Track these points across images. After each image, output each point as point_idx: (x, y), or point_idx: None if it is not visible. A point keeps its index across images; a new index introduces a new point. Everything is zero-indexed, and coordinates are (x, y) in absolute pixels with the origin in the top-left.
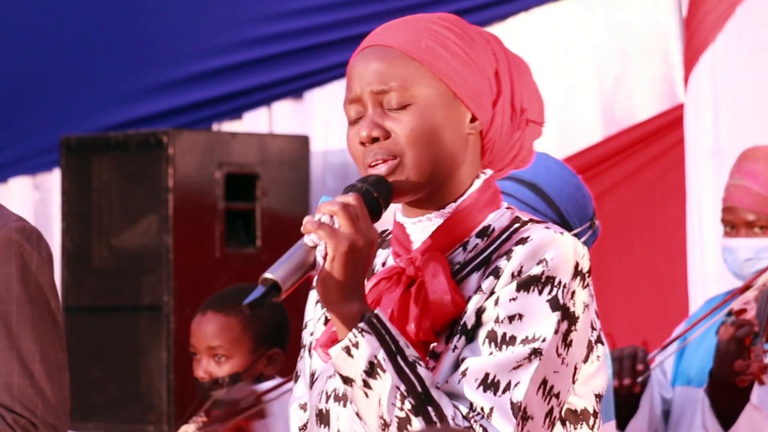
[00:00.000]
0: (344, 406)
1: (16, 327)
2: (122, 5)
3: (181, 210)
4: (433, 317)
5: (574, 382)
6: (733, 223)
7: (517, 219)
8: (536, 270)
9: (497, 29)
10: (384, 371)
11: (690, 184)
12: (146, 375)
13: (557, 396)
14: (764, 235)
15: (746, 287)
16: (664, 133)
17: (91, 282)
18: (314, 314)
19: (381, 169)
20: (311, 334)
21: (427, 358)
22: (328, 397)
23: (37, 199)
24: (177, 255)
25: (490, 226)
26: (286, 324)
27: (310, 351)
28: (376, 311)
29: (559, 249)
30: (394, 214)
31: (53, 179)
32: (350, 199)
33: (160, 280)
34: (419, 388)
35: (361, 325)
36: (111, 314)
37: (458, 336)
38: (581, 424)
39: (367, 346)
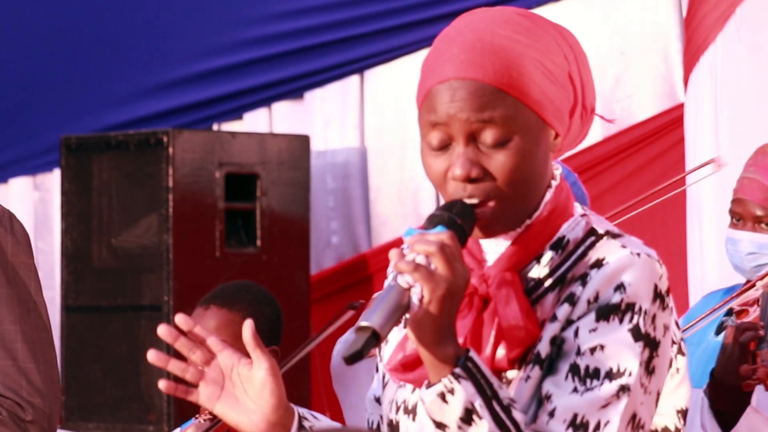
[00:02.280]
0: (413, 419)
1: None
2: (122, 5)
3: (181, 210)
4: (506, 345)
5: (656, 407)
6: (741, 215)
7: (592, 231)
8: (615, 298)
9: None
10: (481, 418)
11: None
12: (146, 375)
13: (642, 427)
14: None
15: (750, 287)
16: (664, 133)
17: (91, 282)
18: None
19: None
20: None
21: None
22: (398, 409)
23: (37, 199)
24: (177, 255)
25: (564, 237)
26: (282, 322)
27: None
28: (470, 353)
29: (637, 273)
30: None
31: (53, 179)
32: (445, 238)
33: (160, 280)
34: None
35: (457, 370)
36: (111, 314)
37: (532, 365)
38: None
39: (463, 393)
